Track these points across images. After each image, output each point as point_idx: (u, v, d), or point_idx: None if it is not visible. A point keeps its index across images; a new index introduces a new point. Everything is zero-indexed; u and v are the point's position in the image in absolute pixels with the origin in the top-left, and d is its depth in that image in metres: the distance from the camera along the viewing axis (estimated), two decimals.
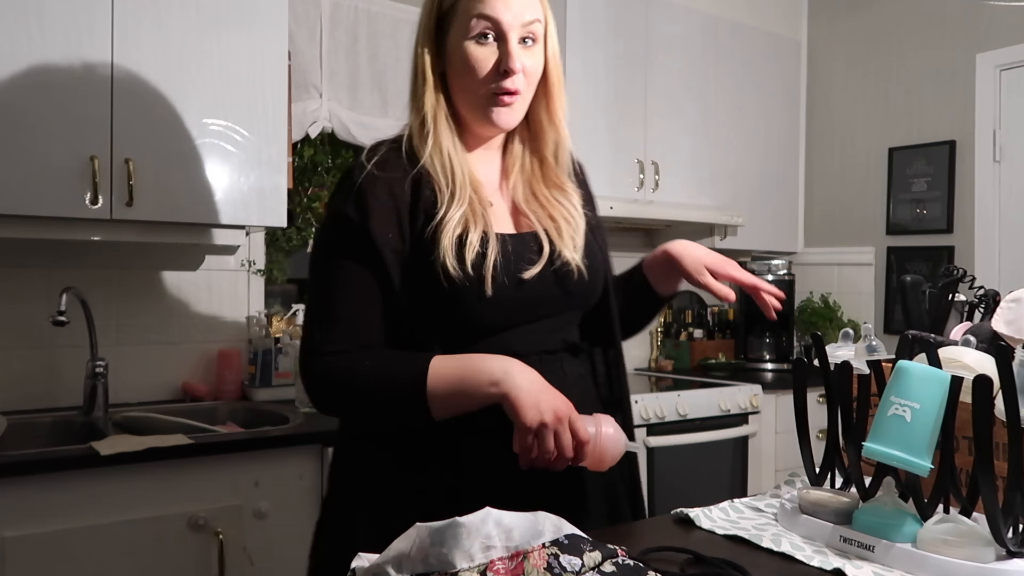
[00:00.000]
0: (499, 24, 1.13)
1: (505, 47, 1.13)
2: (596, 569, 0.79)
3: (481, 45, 1.13)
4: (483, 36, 1.13)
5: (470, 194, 1.15)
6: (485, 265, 1.11)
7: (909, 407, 0.98)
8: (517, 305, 1.15)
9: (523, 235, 1.20)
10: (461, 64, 1.15)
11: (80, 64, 1.94)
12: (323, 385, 1.14)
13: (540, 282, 1.16)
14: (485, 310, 1.12)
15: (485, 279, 1.10)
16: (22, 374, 2.22)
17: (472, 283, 1.10)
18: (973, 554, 0.92)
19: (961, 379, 0.97)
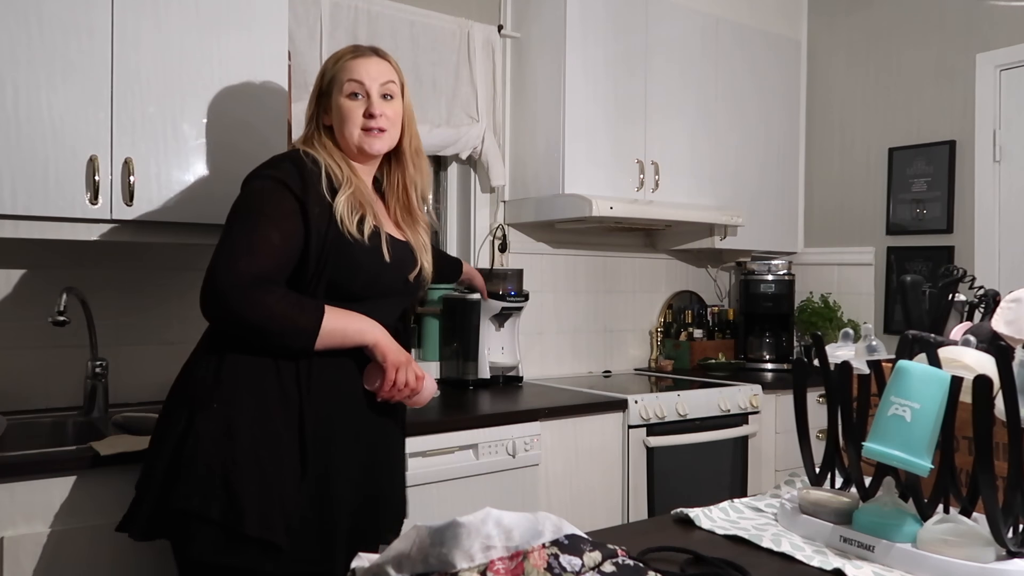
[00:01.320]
0: (363, 84, 1.64)
1: (371, 100, 1.64)
2: (596, 569, 0.79)
3: (352, 100, 1.64)
4: (354, 94, 1.64)
5: (357, 186, 1.60)
6: (381, 245, 1.58)
7: (909, 407, 0.98)
8: (388, 287, 1.63)
9: (406, 243, 1.69)
10: (339, 113, 1.65)
11: (80, 64, 1.94)
12: (232, 300, 1.45)
13: (411, 280, 1.68)
14: (384, 273, 1.60)
15: (383, 252, 1.58)
16: (22, 374, 2.22)
17: (373, 250, 1.57)
18: (973, 554, 0.92)
19: (961, 379, 0.97)
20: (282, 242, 1.49)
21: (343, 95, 1.64)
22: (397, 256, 1.62)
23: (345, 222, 1.53)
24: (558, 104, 2.98)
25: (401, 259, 1.64)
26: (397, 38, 2.81)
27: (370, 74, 1.64)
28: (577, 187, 2.93)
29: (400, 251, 1.65)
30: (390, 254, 1.59)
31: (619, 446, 2.71)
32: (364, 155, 1.67)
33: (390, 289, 1.64)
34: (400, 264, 1.64)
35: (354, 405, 1.60)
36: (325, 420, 1.55)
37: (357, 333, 1.54)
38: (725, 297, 3.98)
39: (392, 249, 1.60)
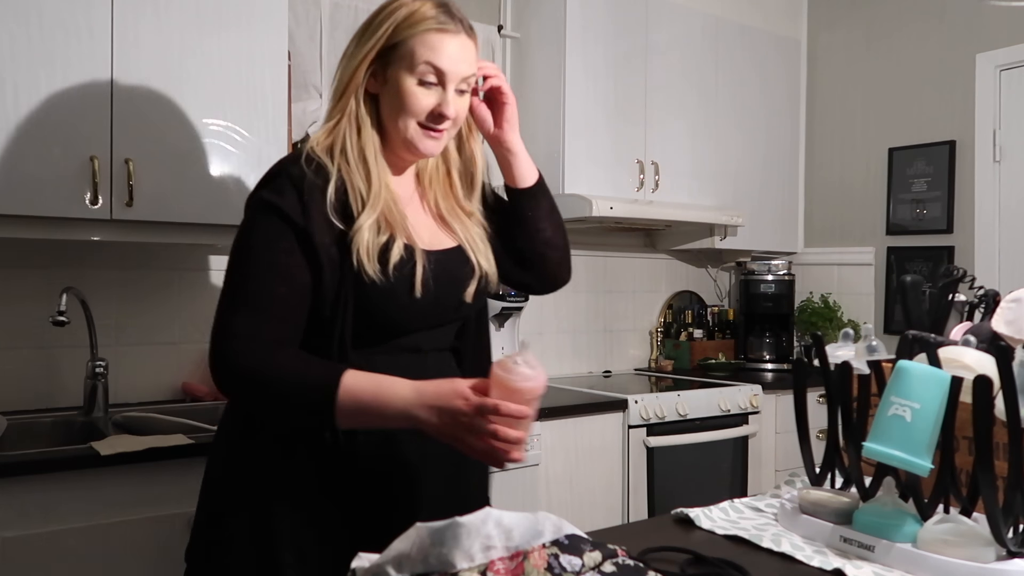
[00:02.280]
0: (444, 75, 1.24)
1: (445, 95, 1.25)
2: (596, 569, 0.79)
3: (424, 87, 1.24)
4: (427, 80, 1.24)
5: (386, 202, 1.24)
6: (415, 274, 1.22)
7: (909, 407, 0.98)
8: (436, 313, 1.29)
9: (453, 250, 1.32)
10: (400, 97, 1.24)
11: (80, 64, 1.94)
12: (237, 373, 1.18)
13: (467, 301, 1.31)
14: (410, 314, 1.25)
15: (415, 286, 1.22)
16: (22, 374, 2.22)
17: (398, 288, 1.21)
18: (973, 554, 0.92)
19: (961, 379, 0.97)
20: (286, 291, 1.19)
21: (412, 75, 1.24)
22: (442, 276, 1.27)
23: (363, 261, 1.19)
24: (558, 104, 2.98)
25: (447, 279, 1.28)
26: None
27: (455, 63, 1.25)
28: (577, 187, 2.93)
29: (445, 267, 1.28)
30: (424, 287, 1.23)
31: (619, 446, 2.71)
32: (412, 153, 1.30)
33: (437, 320, 1.30)
34: (447, 287, 1.28)
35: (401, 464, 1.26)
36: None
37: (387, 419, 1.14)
38: (725, 297, 3.98)
39: (434, 271, 1.25)
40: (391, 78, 1.25)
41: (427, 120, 1.25)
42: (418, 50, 1.23)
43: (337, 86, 1.29)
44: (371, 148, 1.26)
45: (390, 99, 1.26)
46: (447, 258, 1.30)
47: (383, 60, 1.25)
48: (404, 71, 1.24)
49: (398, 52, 1.24)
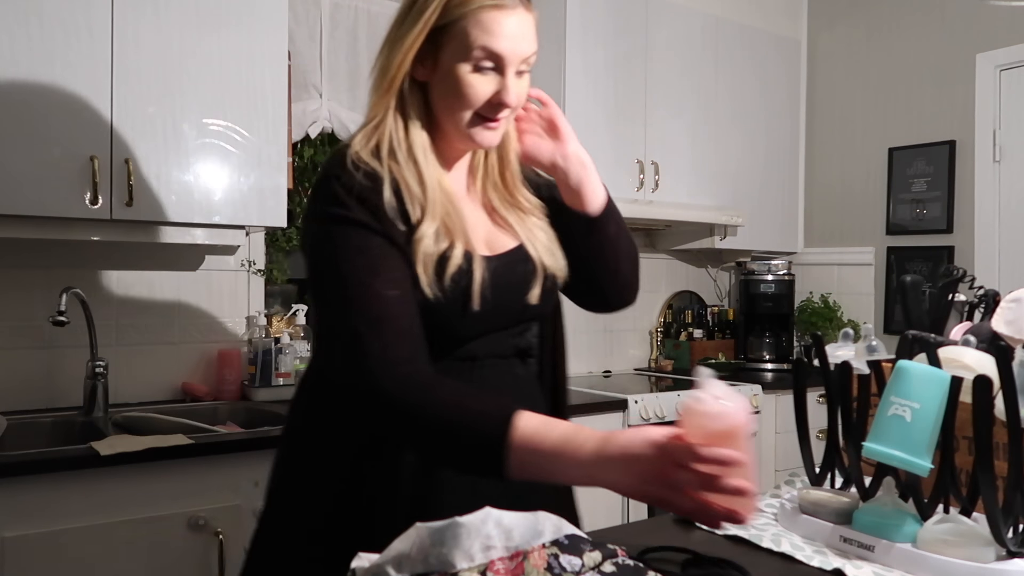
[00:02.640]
0: (502, 59, 1.10)
1: (504, 81, 1.11)
2: (596, 569, 0.79)
3: (479, 74, 1.10)
4: (483, 67, 1.10)
5: (443, 206, 1.12)
6: (472, 285, 1.09)
7: (909, 407, 0.98)
8: (495, 321, 1.15)
9: (514, 251, 1.18)
10: (454, 86, 1.11)
11: (80, 64, 1.94)
12: (395, 407, 1.01)
13: (532, 303, 1.17)
14: (464, 327, 1.12)
15: (472, 298, 1.09)
16: (22, 374, 2.22)
17: (453, 302, 1.08)
18: (973, 554, 0.92)
19: (961, 379, 0.97)
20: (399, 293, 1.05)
21: (467, 61, 1.10)
22: (501, 282, 1.14)
23: (420, 274, 1.07)
24: (558, 104, 2.97)
25: (508, 284, 1.15)
26: None
27: (515, 42, 1.10)
28: None
29: (505, 272, 1.15)
30: (481, 299, 1.10)
31: None
32: (467, 146, 1.18)
33: (497, 326, 1.16)
34: (507, 291, 1.15)
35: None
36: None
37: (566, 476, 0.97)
38: (725, 297, 3.97)
39: (492, 279, 1.12)
40: (442, 64, 1.11)
41: (485, 110, 1.12)
42: (472, 32, 1.08)
43: (379, 77, 1.15)
44: (420, 145, 1.13)
45: (442, 88, 1.12)
46: (507, 261, 1.17)
47: (431, 43, 1.11)
48: (457, 57, 1.09)
49: (449, 34, 1.10)
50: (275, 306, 2.72)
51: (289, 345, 2.52)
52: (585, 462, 0.92)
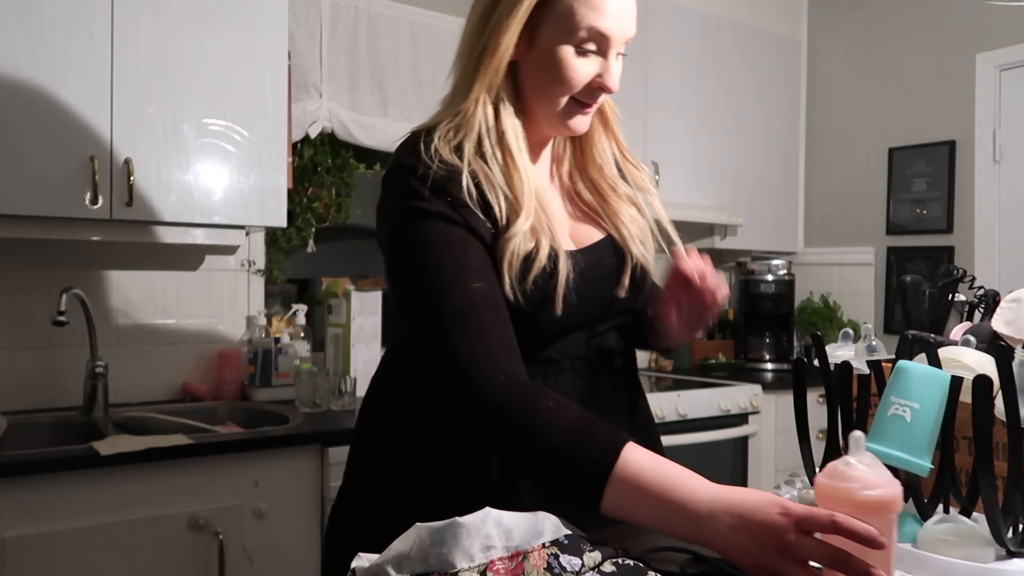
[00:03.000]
0: (607, 40, 1.03)
1: (607, 64, 1.05)
2: (596, 569, 0.79)
3: (582, 56, 1.03)
4: (586, 48, 1.03)
5: (535, 205, 1.03)
6: (556, 287, 1.02)
7: (909, 407, 0.98)
8: (579, 320, 1.07)
9: (602, 243, 1.11)
10: (554, 68, 1.03)
11: (80, 64, 1.94)
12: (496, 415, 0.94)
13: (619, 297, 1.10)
14: (544, 330, 1.05)
15: (555, 301, 1.02)
16: (22, 374, 2.22)
17: (534, 304, 1.02)
18: (973, 554, 0.92)
19: (961, 379, 0.97)
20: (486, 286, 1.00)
21: (570, 41, 1.02)
22: (588, 275, 1.06)
23: (506, 274, 1.00)
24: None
25: (594, 278, 1.08)
26: (397, 38, 2.81)
27: (622, 22, 1.04)
28: None
29: (591, 265, 1.08)
30: (565, 302, 1.03)
31: None
32: (556, 131, 1.11)
33: (579, 325, 1.09)
34: (594, 285, 1.07)
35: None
36: None
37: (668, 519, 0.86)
38: None
39: (578, 275, 1.05)
40: (540, 43, 1.03)
41: (582, 94, 1.05)
42: (579, 11, 1.01)
43: (471, 55, 1.06)
44: (512, 133, 1.05)
45: (539, 68, 1.04)
46: (594, 255, 1.09)
47: (538, 21, 1.03)
48: (559, 36, 1.02)
49: (552, 11, 1.02)
50: (275, 306, 2.72)
51: (289, 345, 2.52)
52: (694, 512, 0.83)
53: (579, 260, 1.06)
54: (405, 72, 2.82)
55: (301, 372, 2.35)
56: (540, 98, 1.06)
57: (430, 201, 1.01)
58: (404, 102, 2.80)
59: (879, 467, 0.79)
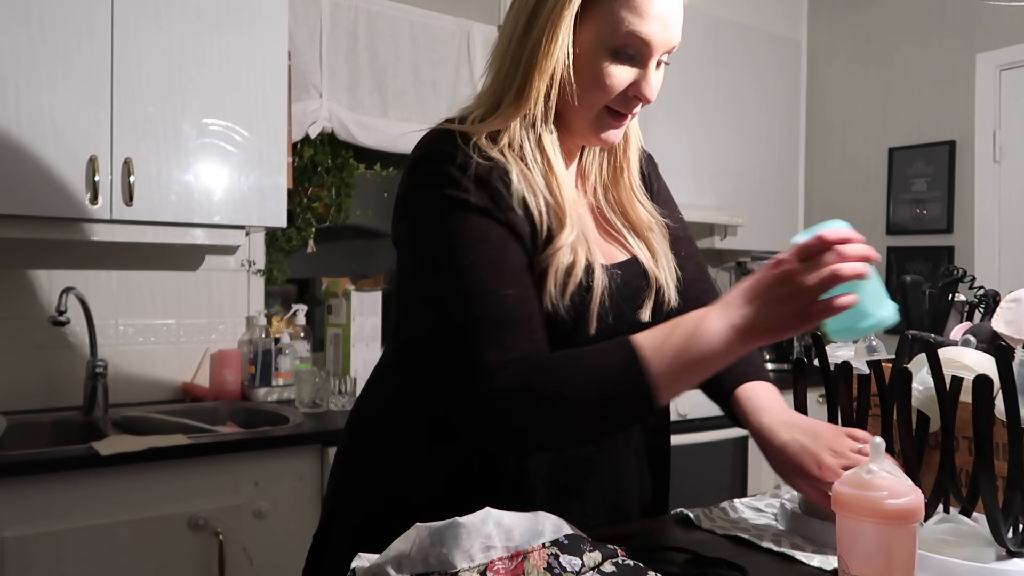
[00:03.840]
0: (648, 47, 0.98)
1: (645, 72, 0.99)
2: (596, 569, 0.79)
3: (620, 63, 0.98)
4: (626, 53, 0.98)
5: (578, 214, 1.00)
6: (590, 301, 0.98)
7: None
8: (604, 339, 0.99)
9: (625, 265, 1.06)
10: (590, 73, 0.98)
11: (80, 64, 1.94)
12: (518, 401, 0.91)
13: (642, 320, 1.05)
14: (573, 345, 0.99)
15: (590, 318, 0.98)
16: (22, 374, 2.22)
17: (568, 319, 0.98)
18: (973, 554, 0.92)
19: (961, 379, 0.97)
20: (519, 291, 0.95)
21: (610, 46, 0.97)
22: (617, 295, 1.02)
23: (552, 288, 0.96)
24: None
25: (622, 298, 1.03)
26: (397, 38, 2.81)
27: (666, 29, 0.98)
28: None
29: (622, 282, 1.04)
30: (599, 321, 0.99)
31: None
32: (587, 141, 1.06)
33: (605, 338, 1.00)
34: (620, 306, 1.03)
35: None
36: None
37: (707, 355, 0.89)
38: None
39: (611, 293, 1.01)
40: (580, 46, 0.98)
41: (618, 103, 1.00)
42: (621, 13, 0.95)
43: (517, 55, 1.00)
44: (549, 140, 1.01)
45: (575, 73, 0.98)
46: (623, 273, 1.04)
47: (583, 26, 0.98)
48: (599, 40, 0.97)
49: (595, 13, 0.96)
50: (275, 306, 2.72)
51: (289, 345, 2.52)
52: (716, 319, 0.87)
53: (616, 276, 1.02)
54: (405, 72, 2.82)
55: (301, 372, 2.35)
56: (575, 105, 1.00)
57: (471, 192, 0.95)
58: (404, 102, 2.80)
59: (900, 474, 0.78)
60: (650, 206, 1.13)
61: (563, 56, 0.98)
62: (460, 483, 1.04)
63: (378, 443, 1.11)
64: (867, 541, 0.75)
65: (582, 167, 1.12)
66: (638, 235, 1.10)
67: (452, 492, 1.03)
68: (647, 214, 1.11)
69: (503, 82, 1.02)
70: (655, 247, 1.09)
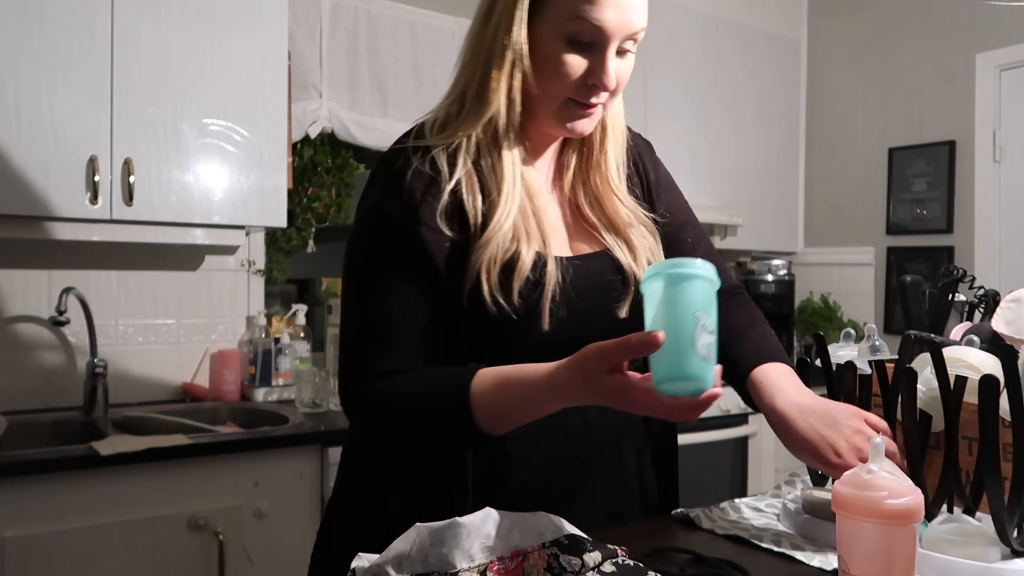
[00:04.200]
0: (605, 34, 0.95)
1: (602, 59, 0.96)
2: (596, 569, 0.78)
3: (576, 51, 0.96)
4: (582, 41, 0.96)
5: (521, 203, 0.99)
6: (541, 296, 0.97)
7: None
8: (575, 337, 0.95)
9: (591, 257, 1.04)
10: (546, 62, 0.97)
11: (80, 64, 1.94)
12: (374, 414, 0.98)
13: (621, 316, 1.03)
14: (536, 344, 0.98)
15: (541, 313, 0.97)
16: (22, 374, 2.22)
17: (521, 314, 0.97)
18: (978, 553, 0.92)
19: (965, 379, 0.97)
20: (401, 311, 0.97)
21: (563, 33, 0.95)
22: (582, 286, 1.01)
23: (484, 282, 0.95)
24: None
25: (591, 292, 1.02)
26: (397, 38, 2.81)
27: (620, 13, 0.94)
28: None
29: (586, 277, 1.02)
30: (552, 316, 0.97)
31: None
32: (555, 133, 1.05)
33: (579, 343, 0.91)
34: (590, 301, 1.02)
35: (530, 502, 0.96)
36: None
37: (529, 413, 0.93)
38: None
39: (572, 285, 0.99)
40: (537, 37, 0.97)
41: (578, 92, 0.98)
42: (573, 0, 0.94)
43: (477, 51, 1.01)
44: (505, 133, 1.00)
45: (534, 63, 0.98)
46: (589, 265, 1.03)
47: (538, 20, 0.97)
48: (552, 28, 0.95)
49: (549, 2, 0.96)
50: (275, 306, 2.72)
51: (289, 345, 2.51)
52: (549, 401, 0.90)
53: (569, 269, 1.00)
54: (405, 72, 2.82)
55: (301, 372, 2.35)
56: (537, 95, 1.00)
57: (391, 202, 0.98)
58: (404, 102, 2.80)
59: (900, 474, 0.77)
60: (631, 202, 1.10)
61: (520, 47, 0.97)
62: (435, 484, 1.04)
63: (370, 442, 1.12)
64: (867, 541, 0.75)
65: (562, 160, 1.11)
66: (616, 231, 1.07)
67: (433, 497, 1.03)
68: (626, 210, 1.08)
69: (467, 76, 1.02)
70: (634, 243, 1.06)
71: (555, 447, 1.04)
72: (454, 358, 1.00)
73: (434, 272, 0.98)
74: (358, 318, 1.00)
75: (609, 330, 0.96)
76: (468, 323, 0.99)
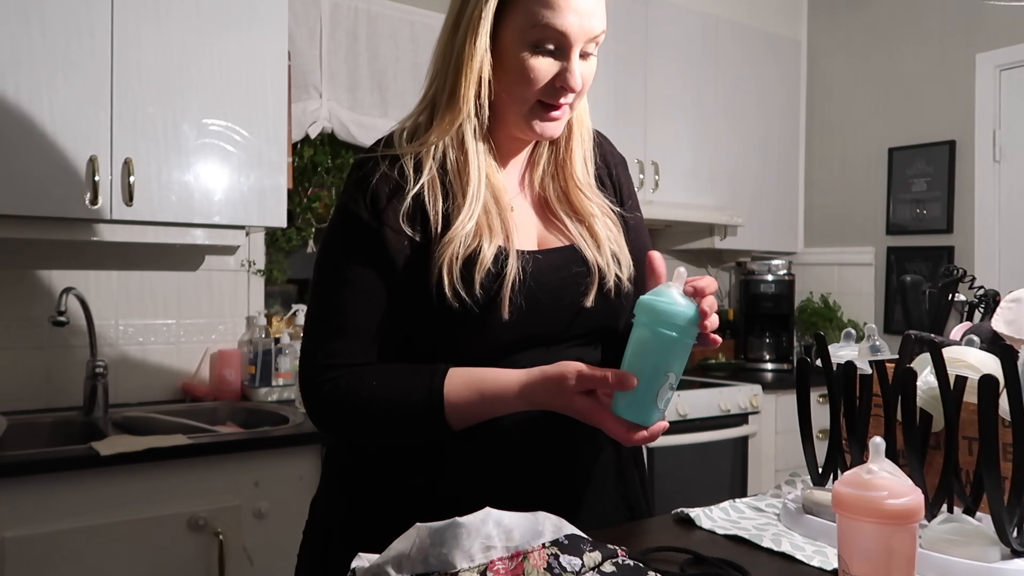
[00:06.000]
0: (565, 38, 0.99)
1: (567, 63, 1.01)
2: (596, 569, 0.78)
3: (540, 56, 1.00)
4: (544, 47, 1.00)
5: (485, 203, 1.02)
6: (501, 287, 0.99)
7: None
8: (539, 330, 1.04)
9: (555, 251, 1.08)
10: (513, 69, 1.01)
11: (80, 64, 1.94)
12: (326, 406, 1.02)
13: (586, 306, 1.06)
14: (498, 337, 1.02)
15: (501, 303, 0.99)
16: (22, 374, 2.22)
17: (483, 307, 0.99)
18: (978, 553, 0.92)
19: (965, 379, 0.97)
20: (360, 310, 1.02)
21: (528, 40, 1.00)
22: (545, 279, 1.04)
23: (445, 277, 0.99)
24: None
25: (555, 283, 1.05)
26: (397, 38, 2.81)
27: (581, 18, 0.99)
28: None
29: (548, 270, 1.05)
30: (511, 305, 1.00)
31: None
32: (525, 136, 1.08)
33: (544, 339, 1.05)
34: (554, 292, 1.04)
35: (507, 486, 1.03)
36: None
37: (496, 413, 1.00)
38: (725, 297, 3.97)
39: (533, 277, 1.02)
40: (501, 43, 1.01)
41: (546, 95, 1.02)
42: (534, 8, 0.98)
43: (445, 59, 1.04)
44: (472, 137, 1.04)
45: (502, 70, 1.02)
46: (552, 258, 1.06)
47: (495, 21, 1.01)
48: (517, 35, 1.00)
49: (510, 10, 1.00)
50: (275, 306, 2.72)
51: (289, 345, 2.51)
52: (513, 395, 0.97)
53: (531, 261, 1.03)
54: (405, 72, 2.82)
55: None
56: (506, 100, 1.04)
57: (357, 203, 1.04)
58: (404, 102, 2.80)
59: (900, 474, 0.78)
60: (597, 197, 1.14)
61: (485, 54, 1.01)
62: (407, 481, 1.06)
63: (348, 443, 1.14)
64: (867, 541, 0.75)
65: (533, 158, 1.14)
66: (580, 221, 1.10)
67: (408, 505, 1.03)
68: (590, 203, 1.12)
69: (438, 84, 1.06)
70: (598, 234, 1.09)
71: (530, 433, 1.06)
72: (414, 351, 1.04)
73: (394, 271, 1.02)
74: (318, 311, 1.05)
75: (574, 318, 1.05)
76: (431, 318, 1.01)
